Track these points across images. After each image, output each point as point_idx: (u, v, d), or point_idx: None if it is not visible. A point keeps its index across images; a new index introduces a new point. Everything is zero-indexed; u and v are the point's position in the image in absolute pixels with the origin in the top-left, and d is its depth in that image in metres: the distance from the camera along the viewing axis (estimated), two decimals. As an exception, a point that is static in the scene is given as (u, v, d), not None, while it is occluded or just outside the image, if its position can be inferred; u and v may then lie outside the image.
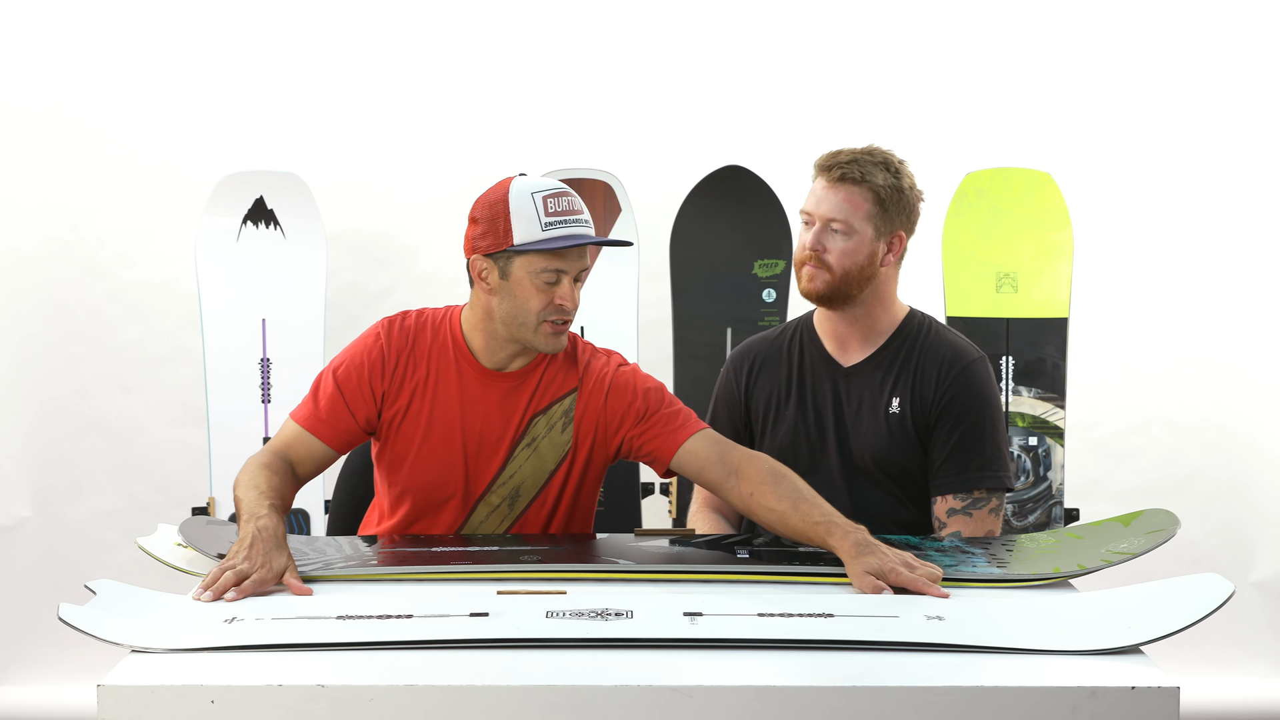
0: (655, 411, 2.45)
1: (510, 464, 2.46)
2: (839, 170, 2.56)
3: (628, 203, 3.86)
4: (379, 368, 2.45)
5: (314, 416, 2.44)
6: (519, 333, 2.40)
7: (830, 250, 2.56)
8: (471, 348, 2.46)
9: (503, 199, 2.36)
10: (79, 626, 1.80)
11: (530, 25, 4.18)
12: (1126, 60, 4.16)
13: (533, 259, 2.35)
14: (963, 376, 2.60)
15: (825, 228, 2.57)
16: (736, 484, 2.34)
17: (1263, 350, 4.14)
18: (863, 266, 2.57)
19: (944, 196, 3.79)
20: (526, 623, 1.82)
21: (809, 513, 2.21)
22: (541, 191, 2.36)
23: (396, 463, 2.49)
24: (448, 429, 2.45)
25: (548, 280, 2.36)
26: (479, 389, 2.46)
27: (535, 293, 2.37)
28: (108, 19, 4.08)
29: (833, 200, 2.56)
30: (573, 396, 2.48)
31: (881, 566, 2.03)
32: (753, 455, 2.37)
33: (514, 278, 2.37)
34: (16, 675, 4.02)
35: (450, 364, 2.47)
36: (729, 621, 1.84)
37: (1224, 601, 1.83)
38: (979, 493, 2.57)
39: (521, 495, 2.48)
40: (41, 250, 4.07)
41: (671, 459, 2.43)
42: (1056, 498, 3.70)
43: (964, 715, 1.61)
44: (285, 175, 3.86)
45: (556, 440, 2.47)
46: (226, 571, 2.00)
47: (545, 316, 2.38)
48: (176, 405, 4.09)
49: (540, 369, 2.47)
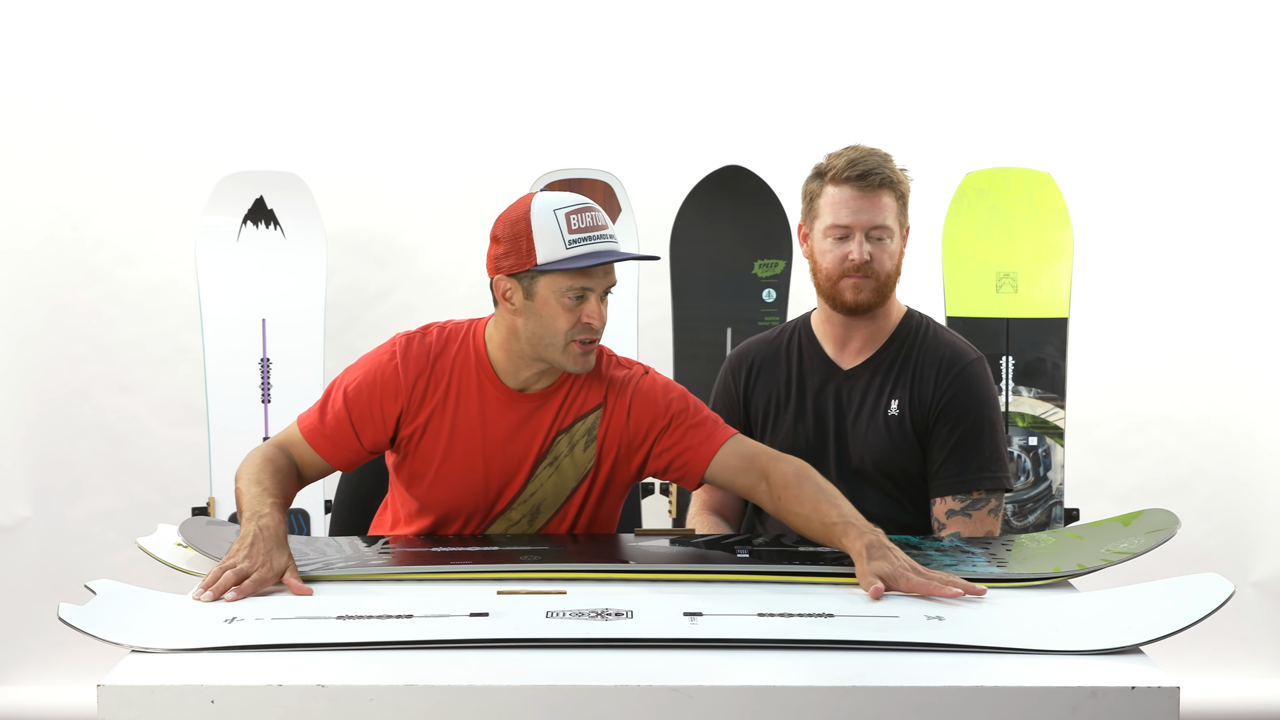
0: (680, 425, 2.40)
1: (532, 482, 2.42)
2: (876, 177, 2.54)
3: (628, 203, 3.86)
4: (391, 389, 2.40)
5: (318, 431, 2.41)
6: (546, 353, 2.34)
7: (876, 259, 2.56)
8: (496, 367, 2.40)
9: (524, 217, 2.29)
10: (79, 626, 1.80)
11: (530, 25, 4.18)
12: (1126, 60, 4.17)
13: (557, 279, 2.29)
14: (961, 377, 2.60)
15: (869, 237, 2.56)
16: (767, 489, 2.32)
17: (1263, 350, 4.15)
18: (898, 267, 2.61)
19: (944, 196, 3.79)
20: (526, 623, 1.82)
21: (828, 513, 2.19)
22: (564, 208, 2.28)
23: (415, 478, 2.45)
24: (468, 448, 2.41)
25: (574, 299, 2.30)
26: (501, 409, 2.40)
27: (562, 312, 2.30)
28: (108, 19, 4.08)
29: (874, 208, 2.55)
30: (597, 414, 2.42)
31: (893, 572, 2.00)
32: (777, 458, 2.34)
33: (539, 297, 2.31)
34: (16, 675, 4.02)
35: (473, 382, 2.41)
36: (729, 621, 1.84)
37: (1224, 601, 1.83)
38: (978, 493, 2.57)
39: (542, 512, 2.45)
40: (41, 250, 4.07)
41: (704, 473, 2.39)
42: (1056, 498, 3.70)
43: (964, 715, 1.61)
44: (285, 175, 3.86)
45: (579, 458, 2.43)
46: (227, 570, 2.00)
47: (573, 336, 2.31)
48: (176, 405, 4.09)
49: (565, 387, 2.42)
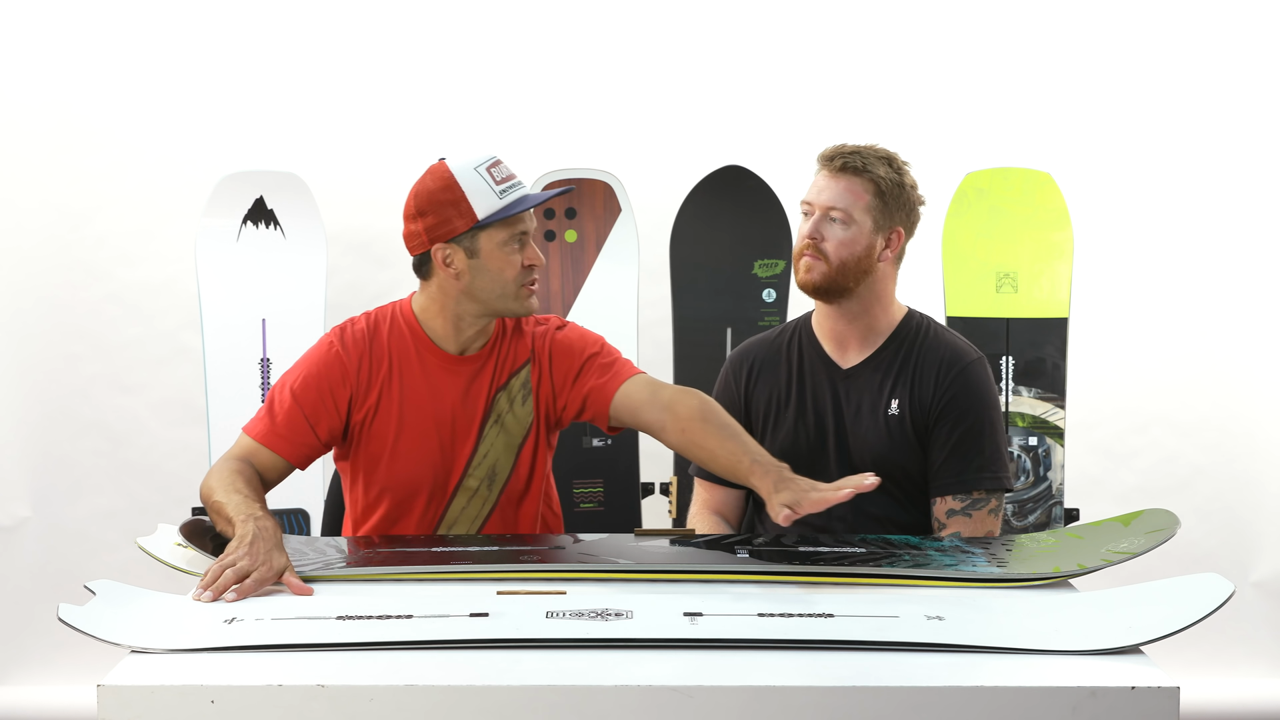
0: (592, 366, 2.51)
1: (482, 444, 2.49)
2: (841, 160, 2.57)
3: (628, 203, 3.86)
4: (339, 373, 2.47)
5: (272, 432, 2.44)
6: (499, 304, 2.45)
7: (828, 239, 2.57)
8: (433, 336, 2.50)
9: (449, 184, 2.41)
10: (78, 627, 1.80)
11: (531, 26, 4.18)
12: (1126, 60, 4.16)
13: (496, 231, 2.41)
14: (962, 377, 2.60)
15: (825, 217, 2.58)
16: (672, 422, 2.40)
17: (1263, 350, 4.14)
18: (860, 259, 2.58)
19: (944, 196, 3.79)
20: (526, 623, 1.82)
21: (735, 451, 2.32)
22: (482, 164, 2.42)
23: (373, 463, 2.50)
24: (420, 419, 2.48)
25: (518, 246, 2.43)
26: (445, 375, 2.49)
27: (509, 260, 2.42)
28: (108, 19, 4.08)
29: (834, 189, 2.58)
30: (527, 368, 2.53)
31: (795, 499, 2.15)
32: (682, 391, 2.45)
33: (484, 252, 2.42)
34: (16, 675, 4.01)
35: (412, 356, 2.49)
36: (729, 621, 1.84)
37: (1224, 601, 1.83)
38: (978, 493, 2.56)
39: (498, 474, 2.51)
40: (41, 250, 4.07)
41: (609, 409, 2.48)
42: (1056, 498, 3.70)
43: (964, 715, 1.61)
44: (285, 175, 3.86)
45: (520, 413, 2.51)
46: (227, 570, 2.00)
47: (523, 280, 2.44)
48: (176, 405, 4.09)
49: (496, 346, 2.53)
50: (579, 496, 3.64)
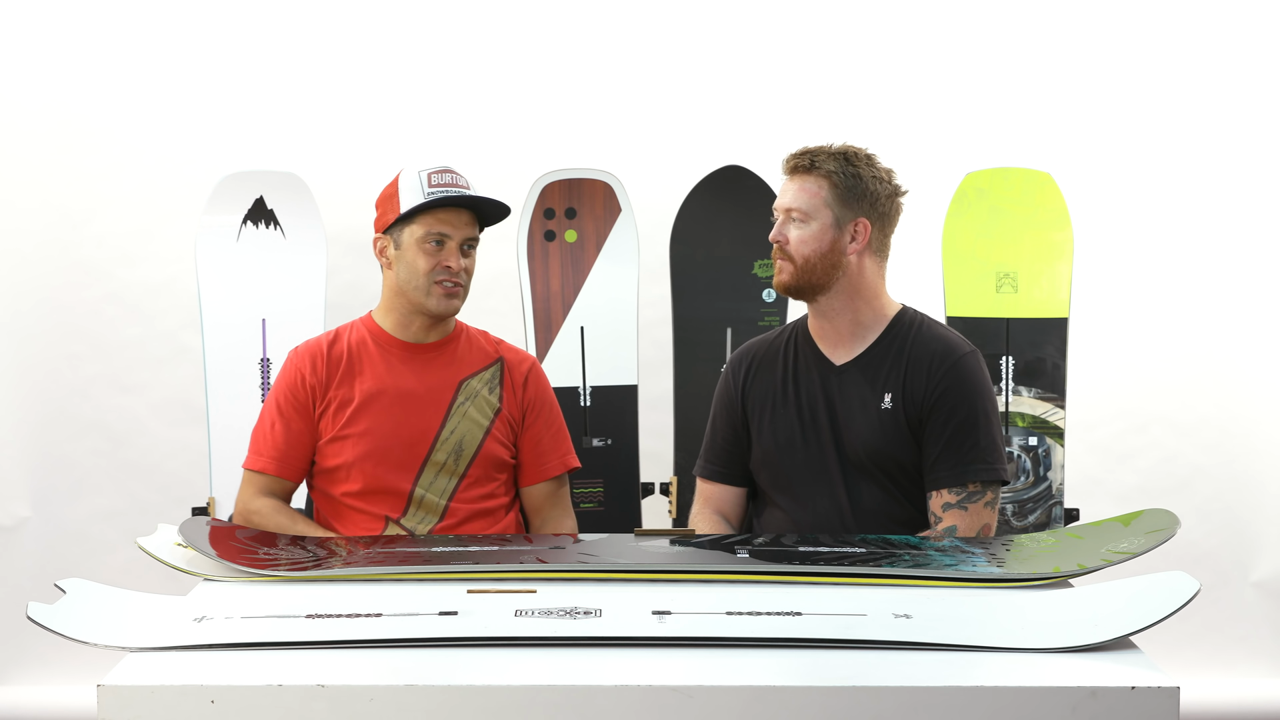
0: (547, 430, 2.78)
1: (449, 421, 2.68)
2: (793, 161, 2.66)
3: (628, 203, 3.86)
4: (306, 373, 2.68)
5: (276, 459, 2.65)
6: (414, 296, 2.67)
7: (790, 240, 2.62)
8: (386, 328, 2.73)
9: (394, 184, 2.68)
10: (47, 625, 1.80)
11: (531, 26, 4.18)
12: (1126, 60, 4.16)
13: (415, 226, 2.65)
14: (954, 370, 2.60)
15: (786, 219, 2.64)
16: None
17: (1263, 350, 4.14)
18: (824, 254, 2.61)
19: (944, 196, 3.79)
20: (495, 621, 1.82)
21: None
22: (427, 170, 2.67)
23: (340, 442, 2.64)
24: (381, 394, 2.68)
25: (434, 244, 2.64)
26: (404, 361, 2.72)
27: (423, 256, 2.64)
28: (108, 19, 4.08)
29: (791, 191, 2.65)
30: (498, 365, 2.76)
31: None
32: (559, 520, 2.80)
33: (404, 245, 2.67)
34: (16, 675, 4.01)
35: (371, 348, 2.72)
36: (697, 620, 1.85)
37: (1187, 601, 1.81)
38: (973, 486, 2.56)
39: (465, 449, 2.67)
40: (41, 250, 4.07)
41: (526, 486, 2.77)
42: (1056, 498, 3.70)
43: (964, 715, 1.61)
44: (285, 175, 3.86)
45: (488, 398, 2.73)
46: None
47: (434, 278, 2.65)
48: (176, 405, 4.09)
49: (459, 341, 2.76)
50: (579, 496, 3.63)
